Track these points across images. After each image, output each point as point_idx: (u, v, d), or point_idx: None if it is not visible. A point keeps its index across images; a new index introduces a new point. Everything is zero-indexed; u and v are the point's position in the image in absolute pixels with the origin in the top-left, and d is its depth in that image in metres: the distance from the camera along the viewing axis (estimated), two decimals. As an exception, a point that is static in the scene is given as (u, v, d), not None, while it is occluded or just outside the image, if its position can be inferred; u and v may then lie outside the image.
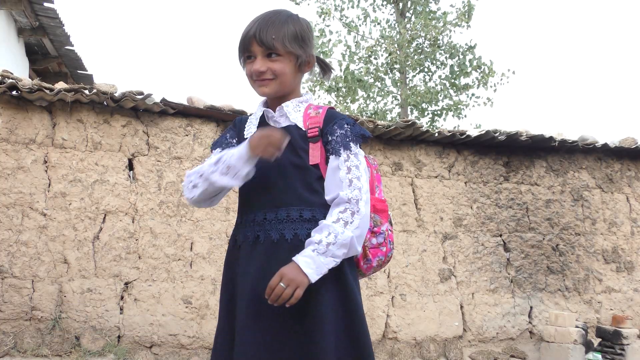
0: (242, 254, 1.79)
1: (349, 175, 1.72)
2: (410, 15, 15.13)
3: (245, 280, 1.74)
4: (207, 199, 1.85)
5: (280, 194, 1.76)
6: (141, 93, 4.51)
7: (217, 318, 4.61)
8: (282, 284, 1.61)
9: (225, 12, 48.09)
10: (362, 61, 15.16)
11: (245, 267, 1.76)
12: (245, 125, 1.90)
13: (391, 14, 15.49)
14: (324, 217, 1.72)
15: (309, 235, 1.69)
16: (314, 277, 1.63)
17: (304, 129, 1.80)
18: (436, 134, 5.33)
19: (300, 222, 1.73)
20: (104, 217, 4.55)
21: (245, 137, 1.83)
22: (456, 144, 5.57)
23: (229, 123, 4.94)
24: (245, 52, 1.80)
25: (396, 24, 15.00)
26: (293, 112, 1.82)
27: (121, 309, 4.51)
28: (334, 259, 1.65)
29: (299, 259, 1.64)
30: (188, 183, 1.82)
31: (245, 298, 1.72)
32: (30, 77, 8.19)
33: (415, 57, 14.69)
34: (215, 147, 1.91)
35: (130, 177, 4.68)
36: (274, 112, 1.85)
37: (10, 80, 4.23)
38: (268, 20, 1.78)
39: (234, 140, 1.89)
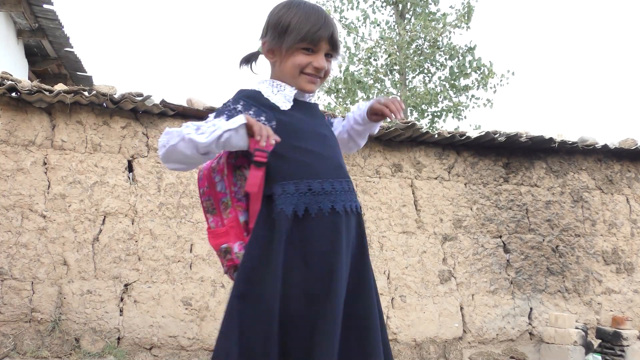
0: (317, 226, 1.68)
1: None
2: (409, 17, 15.14)
3: (340, 255, 1.67)
4: (178, 162, 1.70)
5: (342, 164, 1.82)
6: (141, 94, 4.51)
7: (216, 319, 4.55)
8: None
9: (224, 14, 48.12)
10: (361, 62, 15.17)
11: (334, 240, 1.68)
12: (273, 102, 1.79)
13: (391, 16, 15.50)
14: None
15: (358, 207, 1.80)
16: None
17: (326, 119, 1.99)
18: (436, 135, 5.33)
19: (353, 193, 1.80)
20: (104, 219, 4.54)
21: (280, 107, 1.78)
22: (456, 145, 5.57)
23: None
24: (310, 44, 1.78)
25: (396, 26, 15.01)
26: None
27: (121, 311, 4.51)
28: None
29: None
30: (164, 140, 1.67)
31: (343, 271, 1.67)
32: (29, 78, 8.20)
33: (415, 58, 14.70)
34: (219, 115, 1.74)
35: (129, 178, 4.68)
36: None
37: (10, 82, 4.23)
38: (332, 21, 1.83)
39: (262, 119, 1.73)
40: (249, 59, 1.97)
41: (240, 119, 1.62)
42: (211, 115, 1.77)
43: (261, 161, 1.63)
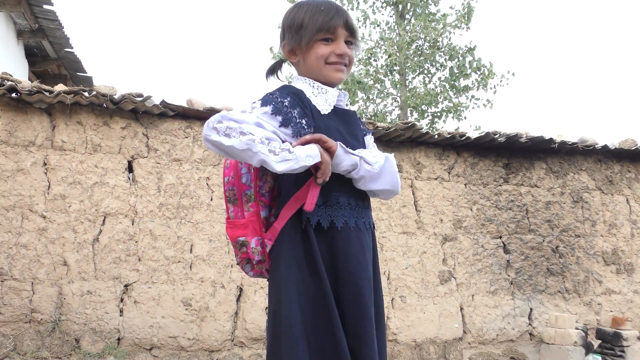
0: (343, 239, 1.73)
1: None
2: (409, 17, 15.14)
3: (362, 267, 1.74)
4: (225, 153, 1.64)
5: None
6: (141, 95, 4.51)
7: (216, 320, 4.57)
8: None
9: (224, 15, 48.11)
10: (361, 63, 15.16)
11: (358, 253, 1.75)
12: (314, 104, 1.80)
13: (391, 16, 15.50)
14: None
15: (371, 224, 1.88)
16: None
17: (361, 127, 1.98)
18: (436, 136, 5.33)
19: (370, 210, 1.88)
20: (104, 220, 4.54)
21: (321, 112, 1.80)
22: (456, 146, 5.57)
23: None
24: (327, 33, 1.81)
25: (396, 26, 15.01)
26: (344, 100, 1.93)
27: (121, 311, 4.50)
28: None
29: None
30: (224, 128, 1.57)
31: (366, 285, 1.73)
32: (29, 79, 8.20)
33: (415, 59, 14.70)
34: (276, 114, 1.68)
35: (129, 179, 4.68)
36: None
37: (10, 83, 4.23)
38: (346, 10, 1.86)
39: (304, 122, 1.72)
40: (273, 69, 1.95)
41: (316, 156, 1.63)
42: (257, 103, 1.69)
43: (323, 181, 1.68)
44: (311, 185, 1.68)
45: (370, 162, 1.78)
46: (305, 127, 1.70)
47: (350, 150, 1.72)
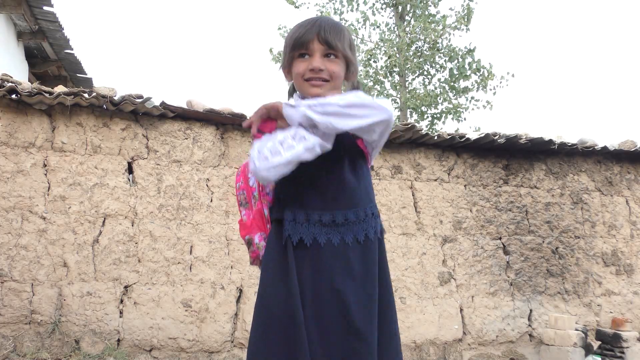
0: (324, 257, 1.73)
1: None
2: (409, 19, 15.15)
3: (345, 285, 1.71)
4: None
5: (357, 192, 1.80)
6: (140, 96, 4.52)
7: (216, 321, 4.56)
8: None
9: (224, 16, 48.15)
10: (361, 64, 15.17)
11: (342, 272, 1.73)
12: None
13: (390, 18, 15.51)
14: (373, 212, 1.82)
15: (376, 234, 1.78)
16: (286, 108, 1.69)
17: None
18: (436, 137, 5.34)
19: (368, 221, 1.79)
20: (104, 221, 4.54)
21: None
22: (456, 147, 5.58)
23: (228, 126, 4.94)
24: (301, 49, 1.78)
25: (395, 27, 15.01)
26: None
27: (121, 313, 4.51)
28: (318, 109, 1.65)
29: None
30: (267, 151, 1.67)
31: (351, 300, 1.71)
32: (29, 80, 8.21)
33: (415, 60, 14.71)
34: None
35: (129, 180, 4.68)
36: None
37: (10, 84, 4.24)
38: (327, 22, 1.78)
39: None
40: (290, 91, 1.94)
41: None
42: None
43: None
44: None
45: (320, 103, 1.65)
46: None
47: (291, 104, 1.72)
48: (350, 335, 1.67)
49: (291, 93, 1.94)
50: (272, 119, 1.72)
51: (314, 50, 1.77)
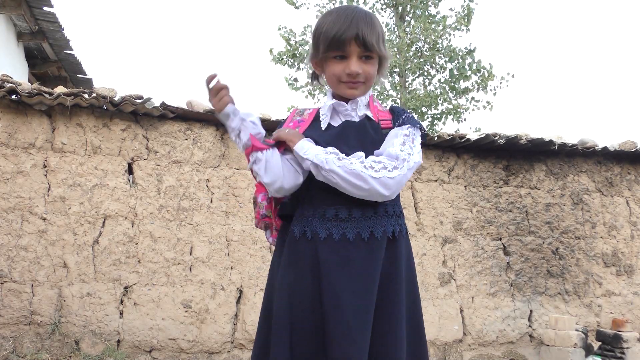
0: (325, 250, 1.73)
1: (404, 145, 1.75)
2: (409, 19, 15.15)
3: (340, 280, 1.71)
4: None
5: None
6: (140, 97, 4.51)
7: (216, 322, 4.56)
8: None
9: (224, 16, 48.15)
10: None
11: (339, 266, 1.73)
12: (320, 117, 1.87)
13: (390, 18, 15.52)
14: (399, 209, 1.81)
15: (385, 233, 1.74)
16: (299, 148, 1.74)
17: (375, 121, 1.83)
18: (436, 138, 5.34)
19: (387, 218, 1.77)
20: (104, 222, 4.54)
21: (322, 127, 1.85)
22: (456, 148, 5.57)
23: (228, 127, 4.93)
24: (338, 50, 1.75)
25: (396, 28, 15.02)
26: (363, 106, 1.85)
27: (121, 313, 4.50)
28: (326, 166, 1.69)
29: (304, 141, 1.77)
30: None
31: (346, 296, 1.70)
32: (29, 81, 8.21)
33: (415, 60, 14.71)
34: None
35: (129, 181, 4.68)
36: (346, 103, 1.85)
37: (10, 85, 4.23)
38: (363, 19, 1.74)
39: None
40: (314, 76, 1.95)
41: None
42: None
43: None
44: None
45: (305, 157, 1.72)
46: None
47: (302, 148, 1.74)
48: (337, 330, 1.67)
49: (313, 79, 1.96)
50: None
51: (351, 53, 1.74)
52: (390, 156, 1.70)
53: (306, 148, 1.73)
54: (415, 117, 1.83)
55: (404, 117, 1.81)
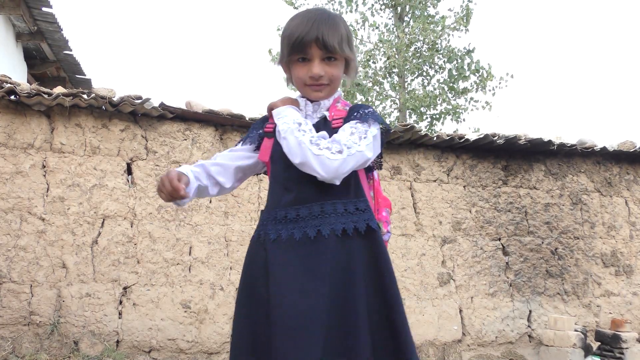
0: (274, 251, 1.74)
1: (352, 135, 1.72)
2: (408, 20, 15.16)
3: (292, 278, 1.70)
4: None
5: (319, 187, 1.75)
6: (139, 97, 4.51)
7: (215, 322, 4.55)
8: None
9: (223, 17, 48.15)
10: (360, 65, 15.17)
11: (286, 264, 1.72)
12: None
13: (389, 18, 15.52)
14: (358, 208, 1.76)
15: (345, 230, 1.71)
16: (275, 112, 1.81)
17: (329, 120, 1.81)
18: (435, 138, 5.34)
19: (337, 216, 1.74)
20: (103, 222, 4.54)
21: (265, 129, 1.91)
22: (455, 148, 5.58)
23: (227, 127, 4.94)
24: (299, 53, 1.75)
25: (394, 28, 15.02)
26: (324, 108, 1.85)
27: (120, 314, 4.50)
28: (286, 130, 1.72)
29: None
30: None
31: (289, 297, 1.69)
32: (28, 81, 8.20)
33: (414, 61, 14.72)
34: (240, 142, 1.97)
35: (128, 181, 4.68)
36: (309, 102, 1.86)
37: (9, 85, 4.23)
38: (325, 22, 1.73)
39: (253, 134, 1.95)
40: (288, 79, 1.96)
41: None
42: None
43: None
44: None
45: (276, 121, 1.78)
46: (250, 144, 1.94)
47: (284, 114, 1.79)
48: (282, 330, 1.66)
49: (288, 82, 2.00)
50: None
51: (313, 55, 1.75)
52: (334, 141, 1.68)
53: (283, 114, 1.78)
54: (375, 113, 1.80)
55: (355, 114, 1.78)
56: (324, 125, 1.80)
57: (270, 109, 1.86)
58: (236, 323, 1.80)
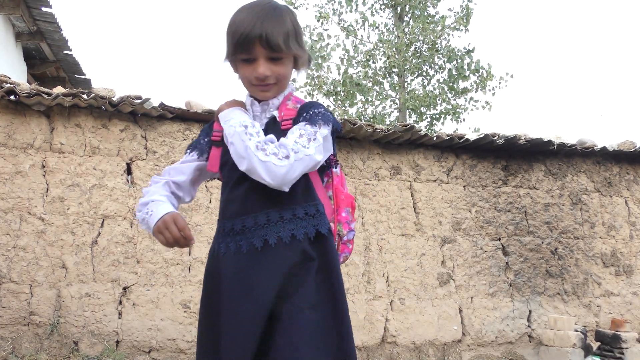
0: (224, 263, 1.71)
1: (300, 137, 1.64)
2: (408, 19, 15.17)
3: (234, 290, 1.68)
4: None
5: (264, 196, 1.68)
6: (139, 97, 4.51)
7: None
8: None
9: (223, 17, 48.12)
10: (360, 65, 15.19)
11: (235, 277, 1.70)
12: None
13: (389, 18, 15.53)
14: (309, 213, 1.69)
15: (294, 235, 1.65)
16: (222, 116, 1.75)
17: (279, 120, 1.74)
18: (435, 138, 5.33)
19: (283, 223, 1.68)
20: (102, 222, 4.54)
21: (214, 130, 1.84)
22: (455, 148, 5.57)
23: (227, 127, 4.93)
24: (243, 53, 1.66)
25: (394, 28, 15.03)
26: (273, 108, 1.78)
27: (119, 314, 4.50)
28: (232, 134, 1.65)
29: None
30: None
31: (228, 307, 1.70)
32: (28, 81, 8.20)
33: (414, 61, 14.73)
34: (189, 149, 1.90)
35: (128, 181, 4.67)
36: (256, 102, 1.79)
37: (8, 85, 4.23)
38: (271, 18, 1.63)
39: (206, 140, 1.87)
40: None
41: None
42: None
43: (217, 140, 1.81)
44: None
45: (222, 125, 1.72)
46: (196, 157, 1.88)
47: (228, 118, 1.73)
48: (226, 341, 1.65)
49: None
50: None
51: (258, 55, 1.65)
52: (282, 145, 1.61)
53: (229, 117, 1.70)
54: (326, 113, 1.72)
55: (305, 114, 1.70)
56: (273, 126, 1.73)
57: (217, 113, 1.78)
58: (198, 340, 1.81)
